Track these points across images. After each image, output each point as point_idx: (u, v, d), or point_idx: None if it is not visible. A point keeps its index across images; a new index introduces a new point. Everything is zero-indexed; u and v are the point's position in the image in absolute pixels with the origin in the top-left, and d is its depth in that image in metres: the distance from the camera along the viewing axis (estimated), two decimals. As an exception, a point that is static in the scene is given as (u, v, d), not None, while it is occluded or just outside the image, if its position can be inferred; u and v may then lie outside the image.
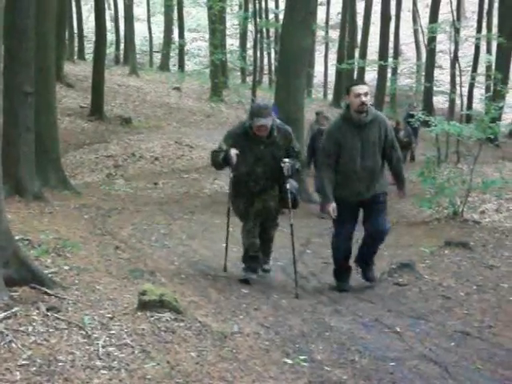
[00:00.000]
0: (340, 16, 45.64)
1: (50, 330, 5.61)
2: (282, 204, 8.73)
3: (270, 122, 8.31)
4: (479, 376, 5.88)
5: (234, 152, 8.28)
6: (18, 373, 4.85)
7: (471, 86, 34.00)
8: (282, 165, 8.36)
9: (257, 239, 8.70)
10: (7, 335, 5.34)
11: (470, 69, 35.58)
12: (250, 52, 40.55)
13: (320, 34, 47.10)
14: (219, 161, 8.45)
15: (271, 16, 44.67)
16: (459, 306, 7.89)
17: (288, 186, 8.51)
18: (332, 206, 8.29)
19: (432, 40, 34.32)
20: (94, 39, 31.91)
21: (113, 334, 5.73)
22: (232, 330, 6.47)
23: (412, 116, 22.63)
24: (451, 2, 30.15)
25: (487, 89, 30.90)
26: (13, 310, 5.79)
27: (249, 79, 41.20)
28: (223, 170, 9.48)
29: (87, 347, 5.40)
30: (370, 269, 8.90)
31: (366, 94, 8.14)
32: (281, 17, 29.40)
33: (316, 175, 9.25)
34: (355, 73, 41.95)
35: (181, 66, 46.69)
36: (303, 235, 12.46)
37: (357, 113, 8.18)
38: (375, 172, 8.36)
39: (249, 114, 8.55)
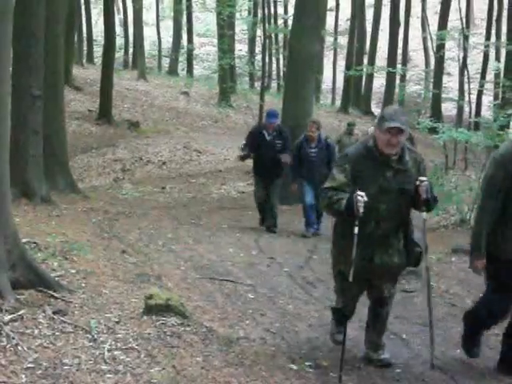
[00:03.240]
0: (349, 22, 45.66)
1: (56, 333, 5.62)
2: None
3: (406, 129, 5.90)
4: (485, 384, 5.87)
5: (361, 196, 5.70)
6: (23, 375, 4.86)
7: (480, 93, 33.89)
8: (418, 183, 5.88)
9: (354, 303, 6.39)
10: (13, 338, 5.34)
11: (478, 76, 35.46)
12: (258, 57, 40.56)
13: (329, 39, 47.08)
14: (339, 209, 5.85)
15: (280, 21, 44.63)
16: (466, 313, 7.87)
17: (413, 236, 6.24)
18: (481, 263, 6.06)
19: (441, 47, 34.31)
20: (102, 43, 31.96)
21: (119, 337, 5.73)
22: (238, 335, 6.47)
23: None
24: (460, 10, 30.16)
25: (496, 96, 30.83)
26: (19, 313, 5.80)
27: (257, 84, 41.13)
28: None
29: (93, 351, 5.40)
30: None
31: None
32: (290, 22, 29.43)
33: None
34: (364, 79, 41.95)
35: (189, 70, 46.69)
36: (310, 241, 12.46)
37: None
38: None
39: (377, 122, 6.00)
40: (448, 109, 39.02)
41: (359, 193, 5.70)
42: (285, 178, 13.75)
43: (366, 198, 5.68)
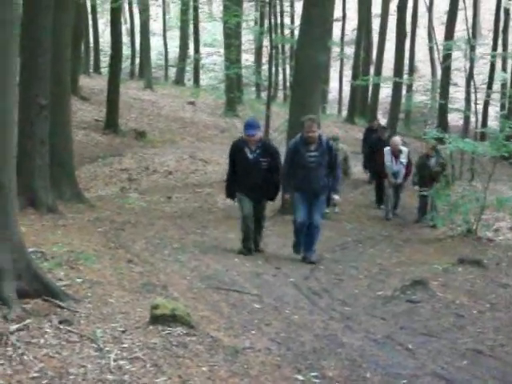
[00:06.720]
0: (355, 32, 45.71)
1: (62, 343, 5.62)
2: None
3: None
4: (491, 395, 5.85)
5: None
6: (29, 385, 4.86)
7: (486, 104, 33.89)
8: None
9: None
10: (19, 347, 5.35)
11: (485, 86, 35.43)
12: (265, 67, 40.57)
13: (335, 50, 47.12)
14: None
15: (287, 31, 44.70)
16: (472, 324, 7.86)
17: None
18: None
19: (447, 57, 34.31)
20: (109, 53, 32.04)
21: (124, 347, 5.73)
22: (244, 345, 6.46)
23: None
24: (467, 20, 30.15)
25: (502, 106, 30.84)
26: (25, 323, 5.81)
27: (263, 94, 41.18)
28: None
29: (99, 360, 5.40)
30: None
31: None
32: (296, 32, 29.45)
33: None
34: (370, 89, 41.97)
35: (196, 80, 46.79)
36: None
37: None
38: None
39: None
40: (454, 119, 39.03)
41: None
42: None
43: None
